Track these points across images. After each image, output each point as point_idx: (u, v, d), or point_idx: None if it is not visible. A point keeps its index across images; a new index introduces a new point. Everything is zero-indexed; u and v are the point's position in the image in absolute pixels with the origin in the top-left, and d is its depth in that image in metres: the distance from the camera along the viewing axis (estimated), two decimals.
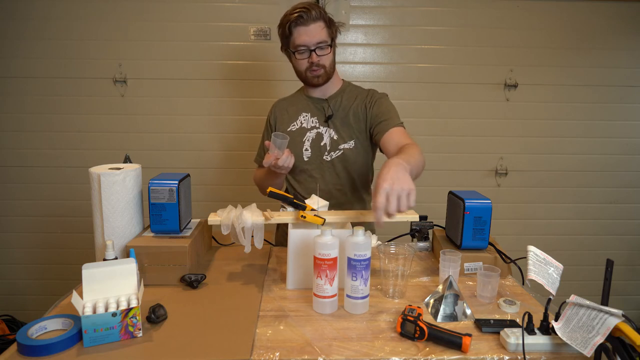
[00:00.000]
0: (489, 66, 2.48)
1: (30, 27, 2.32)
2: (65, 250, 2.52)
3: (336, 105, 1.53)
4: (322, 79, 1.47)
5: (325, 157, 1.52)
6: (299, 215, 1.15)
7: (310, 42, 1.40)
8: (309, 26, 1.39)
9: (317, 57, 1.42)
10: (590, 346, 0.75)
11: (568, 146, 2.57)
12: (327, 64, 1.45)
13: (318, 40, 1.40)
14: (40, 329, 0.90)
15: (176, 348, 0.86)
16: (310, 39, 1.40)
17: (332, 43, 1.46)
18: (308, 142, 1.52)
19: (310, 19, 1.38)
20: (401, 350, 0.86)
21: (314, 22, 1.39)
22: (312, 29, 1.39)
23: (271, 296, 1.10)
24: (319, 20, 1.40)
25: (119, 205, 1.17)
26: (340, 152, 1.51)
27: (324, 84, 1.50)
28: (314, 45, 1.41)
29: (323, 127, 1.52)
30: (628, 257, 2.68)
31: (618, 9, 2.44)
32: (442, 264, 1.12)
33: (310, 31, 1.39)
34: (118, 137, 2.44)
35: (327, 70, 1.46)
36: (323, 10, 1.42)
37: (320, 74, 1.46)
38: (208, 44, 2.40)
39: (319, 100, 1.54)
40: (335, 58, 1.51)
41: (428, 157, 2.48)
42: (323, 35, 1.41)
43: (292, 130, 1.54)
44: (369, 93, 1.54)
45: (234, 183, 2.53)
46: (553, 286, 0.92)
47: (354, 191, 1.56)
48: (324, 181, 1.52)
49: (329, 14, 1.45)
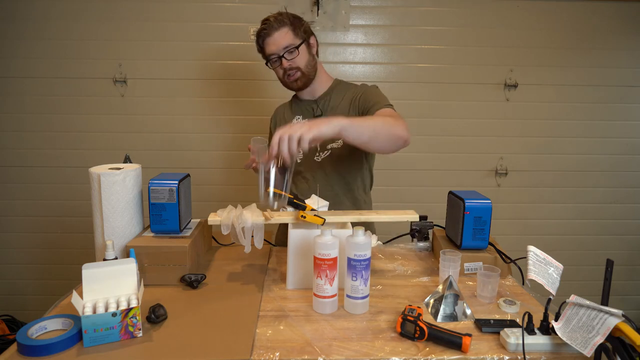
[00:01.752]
0: (489, 66, 2.48)
1: (30, 27, 2.32)
2: (65, 250, 2.52)
3: (325, 105, 1.53)
4: (300, 82, 1.49)
5: (316, 157, 1.52)
6: (299, 215, 1.15)
7: (277, 50, 1.44)
8: (273, 35, 1.43)
9: (288, 62, 1.45)
10: (590, 346, 0.75)
11: (568, 146, 2.57)
12: (302, 65, 1.47)
13: (284, 45, 1.43)
14: (40, 329, 0.90)
15: (176, 348, 0.86)
16: (276, 47, 1.44)
17: (303, 43, 1.46)
18: None
19: (272, 28, 1.42)
20: (401, 350, 0.86)
21: (277, 30, 1.43)
22: (276, 37, 1.43)
23: (271, 296, 1.09)
24: (283, 26, 1.43)
25: (119, 205, 1.17)
26: (329, 151, 1.51)
27: (306, 86, 1.51)
28: (281, 51, 1.44)
29: None
30: (628, 257, 2.68)
31: (618, 9, 2.44)
32: (442, 264, 1.12)
33: (275, 39, 1.43)
34: (118, 137, 2.44)
35: (303, 72, 1.47)
36: (287, 15, 1.45)
37: (298, 77, 1.47)
38: (208, 44, 2.40)
39: (309, 102, 1.56)
40: (313, 57, 1.51)
41: (428, 157, 2.53)
42: (288, 39, 1.43)
43: None
44: (358, 87, 1.54)
45: (234, 183, 2.53)
46: (553, 286, 0.92)
47: (346, 191, 1.54)
48: (316, 182, 1.52)
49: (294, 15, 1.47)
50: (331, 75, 1.61)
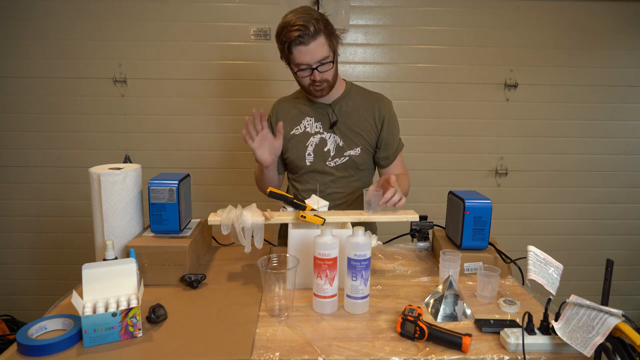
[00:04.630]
0: (489, 66, 2.47)
1: (30, 27, 2.32)
2: (65, 250, 2.52)
3: (340, 110, 1.50)
4: (326, 92, 1.45)
5: (329, 162, 1.50)
6: (299, 215, 1.15)
7: (312, 61, 1.35)
8: (309, 45, 1.32)
9: (320, 75, 1.37)
10: (590, 346, 0.75)
11: (568, 146, 2.57)
12: (331, 77, 1.42)
13: (319, 58, 1.34)
14: (40, 329, 0.90)
15: (176, 348, 0.86)
16: (311, 58, 1.34)
17: (334, 56, 1.40)
18: (311, 147, 1.51)
19: (309, 37, 1.30)
20: (401, 350, 0.86)
21: (314, 40, 1.31)
22: (313, 48, 1.32)
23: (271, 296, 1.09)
24: (319, 36, 1.32)
25: (119, 205, 1.17)
26: (346, 158, 1.50)
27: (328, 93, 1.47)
28: (315, 64, 1.35)
29: (327, 133, 1.50)
30: (628, 257, 2.68)
31: (618, 9, 2.44)
32: (442, 264, 1.12)
33: (311, 50, 1.32)
34: (118, 137, 2.44)
35: (330, 84, 1.43)
36: (321, 19, 1.34)
37: (324, 87, 1.42)
38: (208, 44, 2.40)
39: (323, 105, 1.51)
40: (337, 67, 1.46)
41: (428, 157, 2.54)
42: (324, 52, 1.34)
43: (296, 134, 1.52)
44: (377, 104, 1.51)
45: (234, 183, 2.53)
46: (553, 286, 0.92)
47: (355, 198, 1.55)
48: (325, 187, 1.51)
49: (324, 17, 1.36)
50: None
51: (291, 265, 1.01)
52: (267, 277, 1.00)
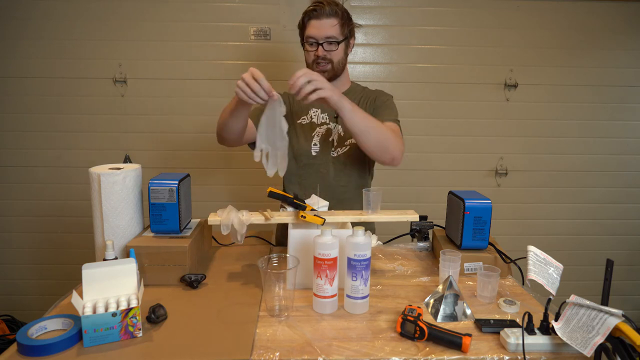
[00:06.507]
0: (489, 66, 2.47)
1: (30, 27, 2.32)
2: (65, 250, 2.52)
3: None
4: (328, 75, 1.48)
5: (332, 153, 1.54)
6: (299, 215, 1.15)
7: (319, 36, 1.43)
8: (321, 20, 1.42)
9: (324, 52, 1.45)
10: (590, 346, 0.75)
11: (568, 146, 2.57)
12: (335, 60, 1.47)
13: (327, 35, 1.43)
14: (40, 329, 0.90)
15: (176, 348, 0.86)
16: (319, 32, 1.43)
17: (344, 41, 1.48)
18: (317, 137, 1.54)
19: (323, 14, 1.42)
20: (401, 350, 0.86)
21: (327, 18, 1.42)
22: (324, 24, 1.42)
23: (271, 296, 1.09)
24: (333, 16, 1.43)
25: (119, 205, 1.17)
26: (347, 147, 1.53)
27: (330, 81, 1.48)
28: (322, 39, 1.43)
29: (332, 123, 1.54)
30: (628, 257, 2.68)
31: (618, 9, 2.44)
32: (442, 264, 1.12)
33: (322, 25, 1.43)
34: (118, 137, 2.44)
35: (334, 67, 1.48)
36: (341, 9, 1.45)
37: (327, 69, 1.47)
38: (208, 44, 2.39)
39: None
40: (346, 57, 1.52)
41: (428, 157, 2.53)
42: (334, 32, 1.43)
43: (302, 123, 1.56)
44: (376, 93, 1.57)
45: (234, 183, 2.53)
46: (553, 286, 0.92)
47: (356, 187, 1.56)
48: (330, 177, 1.54)
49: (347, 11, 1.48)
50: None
51: (291, 265, 1.01)
52: (267, 277, 1.00)
